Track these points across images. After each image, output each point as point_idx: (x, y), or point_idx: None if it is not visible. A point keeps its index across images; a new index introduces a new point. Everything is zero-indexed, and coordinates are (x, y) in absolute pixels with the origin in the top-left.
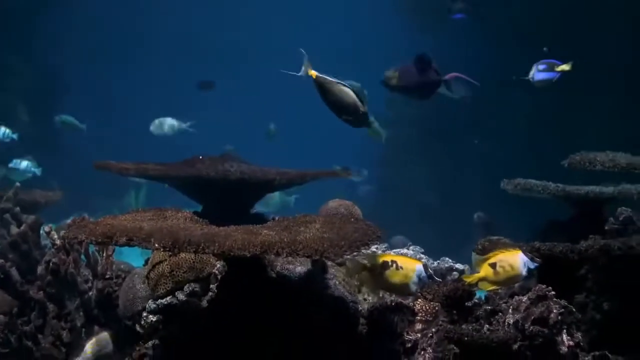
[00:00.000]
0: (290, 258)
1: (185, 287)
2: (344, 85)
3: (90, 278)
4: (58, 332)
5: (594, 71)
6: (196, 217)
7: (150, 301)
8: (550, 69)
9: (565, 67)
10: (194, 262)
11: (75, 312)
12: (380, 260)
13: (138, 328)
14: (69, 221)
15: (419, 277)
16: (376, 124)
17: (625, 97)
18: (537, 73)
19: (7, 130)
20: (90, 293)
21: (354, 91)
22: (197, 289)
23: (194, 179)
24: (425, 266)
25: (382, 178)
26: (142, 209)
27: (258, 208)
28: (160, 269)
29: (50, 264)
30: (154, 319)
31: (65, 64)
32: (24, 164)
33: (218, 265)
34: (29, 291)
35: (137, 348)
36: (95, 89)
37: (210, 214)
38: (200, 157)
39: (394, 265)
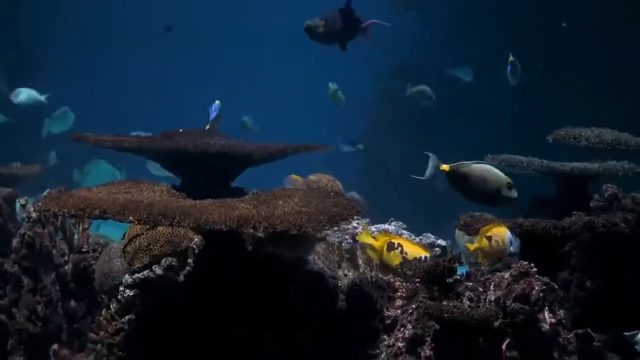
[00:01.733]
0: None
1: (162, 261)
2: (483, 163)
3: (67, 252)
4: (33, 306)
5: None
6: (173, 191)
7: (126, 275)
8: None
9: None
10: (171, 235)
11: (51, 286)
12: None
13: (114, 303)
14: (44, 194)
15: None
16: (339, 92)
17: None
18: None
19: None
20: (66, 267)
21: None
22: (174, 264)
23: (171, 151)
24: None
25: (364, 155)
26: (118, 181)
27: None
28: (137, 243)
29: (26, 237)
30: (130, 294)
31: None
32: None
33: (196, 240)
34: (4, 264)
35: (114, 323)
36: (79, 68)
37: (189, 188)
38: (181, 130)
39: (399, 248)
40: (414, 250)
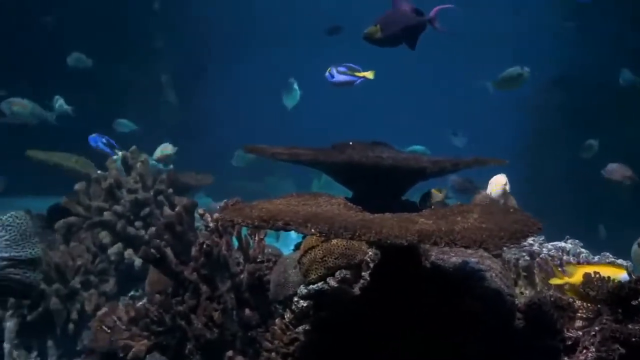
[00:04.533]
0: (445, 248)
1: (337, 273)
2: None
3: (242, 261)
4: (210, 314)
5: None
6: (350, 204)
7: (301, 286)
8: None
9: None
10: (345, 248)
11: (227, 294)
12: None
13: (288, 313)
14: (221, 204)
15: None
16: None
17: None
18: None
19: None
20: (242, 276)
21: None
22: (348, 276)
23: (345, 164)
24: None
25: (527, 167)
26: (295, 193)
27: None
28: (313, 255)
29: (204, 246)
30: (304, 304)
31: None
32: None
33: (370, 253)
34: (184, 272)
35: (288, 332)
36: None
37: (360, 201)
38: (350, 143)
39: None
40: (609, 272)
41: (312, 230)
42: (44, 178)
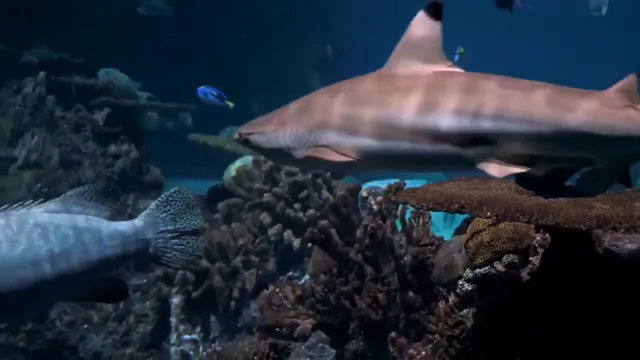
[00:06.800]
0: (618, 234)
1: (504, 257)
2: None
3: (404, 244)
4: (375, 295)
5: None
6: (521, 188)
7: (467, 270)
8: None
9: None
10: (513, 232)
11: (391, 276)
12: None
13: (452, 296)
14: (384, 187)
15: None
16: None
17: None
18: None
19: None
20: (405, 258)
21: None
22: (515, 261)
23: None
24: None
25: None
26: (466, 177)
27: None
28: (479, 239)
29: (369, 228)
30: (469, 288)
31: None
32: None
33: (537, 238)
34: (348, 253)
35: (453, 315)
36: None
37: (523, 185)
38: None
39: None
40: None
41: (488, 214)
42: (195, 161)
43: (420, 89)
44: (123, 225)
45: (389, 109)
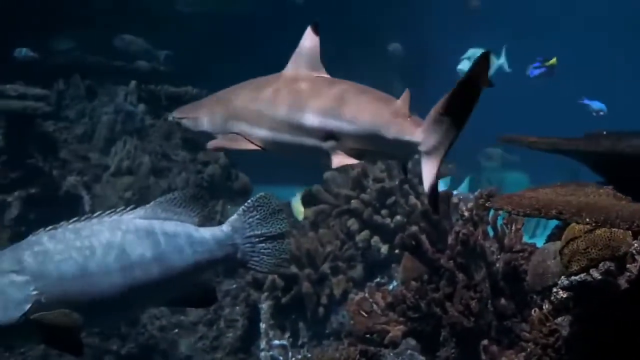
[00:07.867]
0: None
1: (600, 265)
2: None
3: (496, 250)
4: (467, 302)
5: None
6: (619, 194)
7: (562, 277)
8: None
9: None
10: (609, 239)
11: (482, 283)
12: None
13: (546, 303)
14: (475, 194)
15: None
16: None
17: None
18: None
19: None
20: (497, 265)
21: None
22: (612, 268)
23: (604, 154)
24: None
25: None
26: (561, 183)
27: None
28: (575, 246)
29: (460, 235)
30: (564, 295)
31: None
32: None
33: (635, 245)
34: (439, 259)
35: (547, 323)
36: None
37: (619, 190)
38: (604, 133)
39: None
40: None
41: (587, 220)
42: (278, 170)
43: (298, 91)
44: (212, 231)
45: (278, 106)
